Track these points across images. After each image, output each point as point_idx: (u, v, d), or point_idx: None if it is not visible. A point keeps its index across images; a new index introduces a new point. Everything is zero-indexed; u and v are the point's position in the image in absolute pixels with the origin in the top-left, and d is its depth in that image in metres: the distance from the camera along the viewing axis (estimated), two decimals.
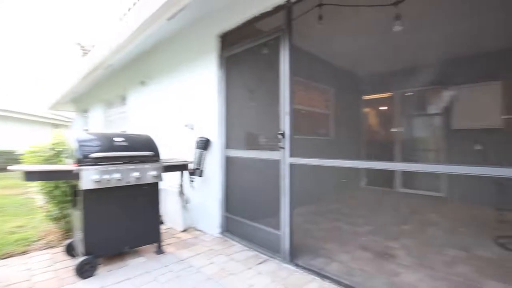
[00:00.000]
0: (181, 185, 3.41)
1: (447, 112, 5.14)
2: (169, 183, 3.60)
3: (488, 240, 3.00)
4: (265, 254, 2.68)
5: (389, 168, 2.10)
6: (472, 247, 2.83)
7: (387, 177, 6.06)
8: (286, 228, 2.53)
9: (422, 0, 2.65)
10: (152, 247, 2.79)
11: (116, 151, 2.45)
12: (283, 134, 2.54)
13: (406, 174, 5.83)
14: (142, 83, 4.88)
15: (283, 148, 2.55)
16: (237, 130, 3.22)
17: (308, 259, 2.52)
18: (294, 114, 2.55)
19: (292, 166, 2.52)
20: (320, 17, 2.57)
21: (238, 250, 2.82)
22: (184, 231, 3.42)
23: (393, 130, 6.23)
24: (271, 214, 2.72)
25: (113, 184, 2.36)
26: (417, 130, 6.12)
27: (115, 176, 2.38)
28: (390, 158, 5.99)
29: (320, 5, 2.52)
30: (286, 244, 2.52)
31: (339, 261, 2.51)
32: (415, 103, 6.07)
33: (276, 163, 2.61)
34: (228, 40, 3.17)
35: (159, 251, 2.73)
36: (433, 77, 4.88)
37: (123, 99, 5.88)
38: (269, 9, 2.58)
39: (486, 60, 4.38)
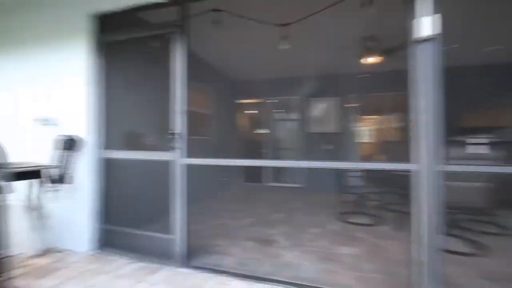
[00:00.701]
0: (35, 197, 2.65)
1: (305, 118, 6.39)
2: (15, 195, 2.71)
3: (334, 217, 3.96)
4: (156, 263, 2.49)
5: (268, 165, 2.48)
6: (325, 224, 3.67)
7: (259, 173, 6.86)
8: (180, 231, 2.45)
9: (300, 28, 3.21)
10: None
11: None
12: (177, 134, 2.45)
13: (274, 169, 6.79)
14: None
15: (177, 148, 2.46)
16: (120, 129, 2.83)
17: (203, 258, 2.53)
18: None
19: (187, 166, 2.47)
20: (217, 22, 2.65)
21: (123, 265, 2.48)
22: (41, 255, 2.67)
23: (265, 131, 7.11)
24: (163, 219, 2.56)
25: None
26: (283, 132, 7.25)
27: None
28: (264, 157, 6.82)
29: (215, 10, 2.59)
30: (180, 248, 2.44)
31: (232, 254, 2.67)
32: (282, 110, 7.19)
33: (169, 164, 2.48)
34: (110, 23, 2.72)
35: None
36: (296, 89, 5.98)
37: None
38: (162, 0, 2.42)
39: (330, 80, 5.76)
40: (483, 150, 2.76)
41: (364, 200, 4.26)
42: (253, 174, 6.91)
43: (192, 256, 2.50)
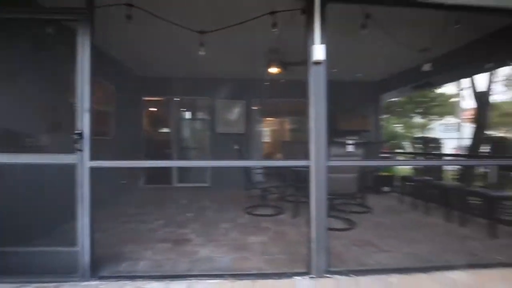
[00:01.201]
0: None
1: (213, 118, 6.59)
2: None
3: (242, 212, 4.30)
4: (53, 281, 2.16)
5: (179, 165, 2.57)
6: (234, 218, 3.96)
7: (164, 174, 6.61)
8: (85, 241, 2.22)
9: (214, 33, 3.38)
10: None
11: None
12: (81, 134, 2.21)
13: (180, 170, 6.66)
14: None
15: (80, 150, 2.22)
16: None
17: (113, 267, 2.37)
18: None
19: (92, 170, 2.25)
20: (129, 17, 2.48)
21: None
22: None
23: (172, 131, 6.92)
24: (60, 230, 2.26)
25: None
26: (191, 132, 7.23)
27: None
28: (172, 157, 6.62)
29: (128, 4, 2.43)
30: (85, 259, 2.21)
31: (146, 258, 2.60)
32: (190, 109, 7.17)
33: (70, 168, 2.21)
34: None
35: None
36: (206, 90, 6.13)
37: None
38: None
39: (239, 84, 6.15)
40: (351, 148, 3.63)
41: (267, 194, 4.78)
42: (157, 175, 6.54)
43: (101, 267, 2.31)
